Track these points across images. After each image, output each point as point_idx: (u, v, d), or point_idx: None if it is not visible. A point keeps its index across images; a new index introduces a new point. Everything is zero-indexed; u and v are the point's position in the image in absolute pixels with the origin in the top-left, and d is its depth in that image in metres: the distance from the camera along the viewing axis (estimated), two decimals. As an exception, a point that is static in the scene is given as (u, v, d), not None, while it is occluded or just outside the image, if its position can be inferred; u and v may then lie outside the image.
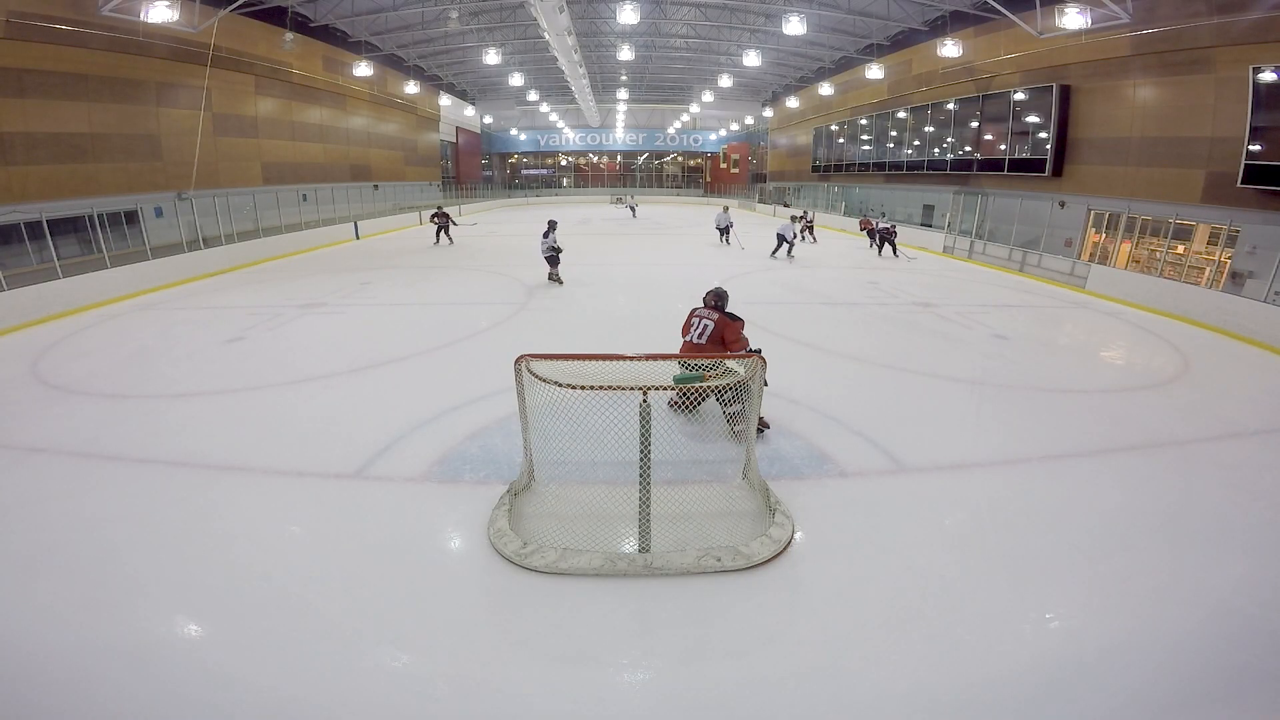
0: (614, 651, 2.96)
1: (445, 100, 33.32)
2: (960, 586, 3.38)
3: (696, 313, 5.34)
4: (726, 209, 19.20)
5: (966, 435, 5.33)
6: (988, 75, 16.89)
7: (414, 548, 3.73)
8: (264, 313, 9.76)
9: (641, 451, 3.56)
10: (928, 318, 9.61)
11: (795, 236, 16.05)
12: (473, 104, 36.66)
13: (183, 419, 5.62)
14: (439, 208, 18.93)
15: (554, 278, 11.90)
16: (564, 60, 21.61)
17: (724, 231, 18.63)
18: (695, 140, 45.42)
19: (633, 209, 32.66)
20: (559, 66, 24.14)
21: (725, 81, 27.05)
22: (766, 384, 4.92)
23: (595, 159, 47.15)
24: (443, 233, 18.32)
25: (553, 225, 11.95)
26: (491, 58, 20.81)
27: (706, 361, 4.46)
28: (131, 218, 13.21)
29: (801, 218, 20.03)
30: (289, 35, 18.27)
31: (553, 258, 11.75)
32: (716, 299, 5.43)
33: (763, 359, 3.85)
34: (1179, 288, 10.47)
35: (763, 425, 5.04)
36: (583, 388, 3.50)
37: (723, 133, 43.76)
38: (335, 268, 14.68)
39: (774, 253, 15.94)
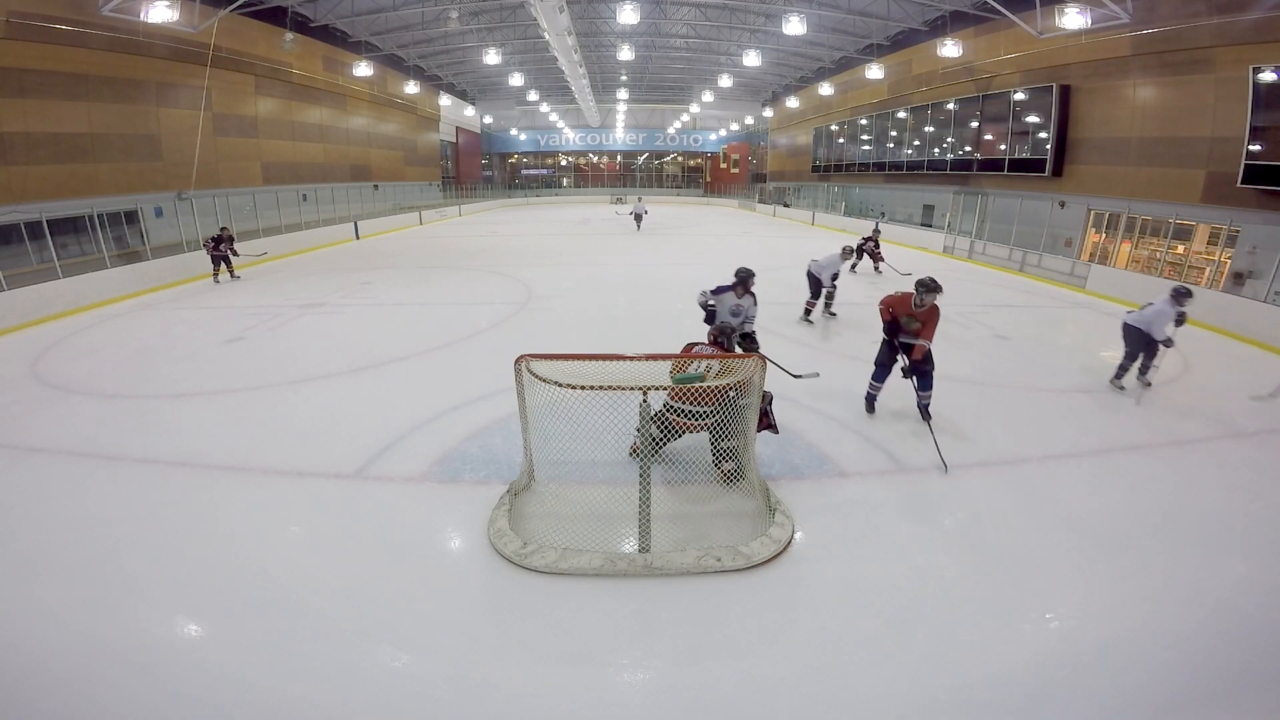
0: (614, 651, 2.96)
1: (445, 100, 33.31)
2: (960, 586, 3.38)
3: (698, 349, 4.55)
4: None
5: (966, 435, 5.33)
6: (988, 75, 16.89)
7: (414, 548, 3.73)
8: (264, 313, 9.76)
9: (641, 451, 3.56)
10: (928, 318, 9.59)
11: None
12: (473, 104, 36.65)
13: (183, 419, 5.62)
14: (223, 229, 12.80)
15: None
16: (564, 60, 21.60)
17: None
18: (695, 140, 45.39)
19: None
20: (559, 66, 24.13)
21: (725, 81, 27.05)
22: (777, 431, 4.56)
23: (595, 159, 47.12)
24: (224, 265, 12.61)
25: (745, 278, 6.12)
26: (491, 58, 20.82)
27: (706, 361, 4.43)
28: (131, 218, 13.22)
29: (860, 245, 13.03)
30: (289, 35, 18.27)
31: (746, 335, 6.21)
32: (720, 334, 4.68)
33: (763, 358, 3.85)
34: (1179, 288, 10.46)
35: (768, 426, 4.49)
36: (583, 388, 3.50)
37: (723, 133, 43.74)
38: (335, 268, 14.68)
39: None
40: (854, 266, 13.45)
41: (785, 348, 7.72)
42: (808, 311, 9.31)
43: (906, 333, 5.43)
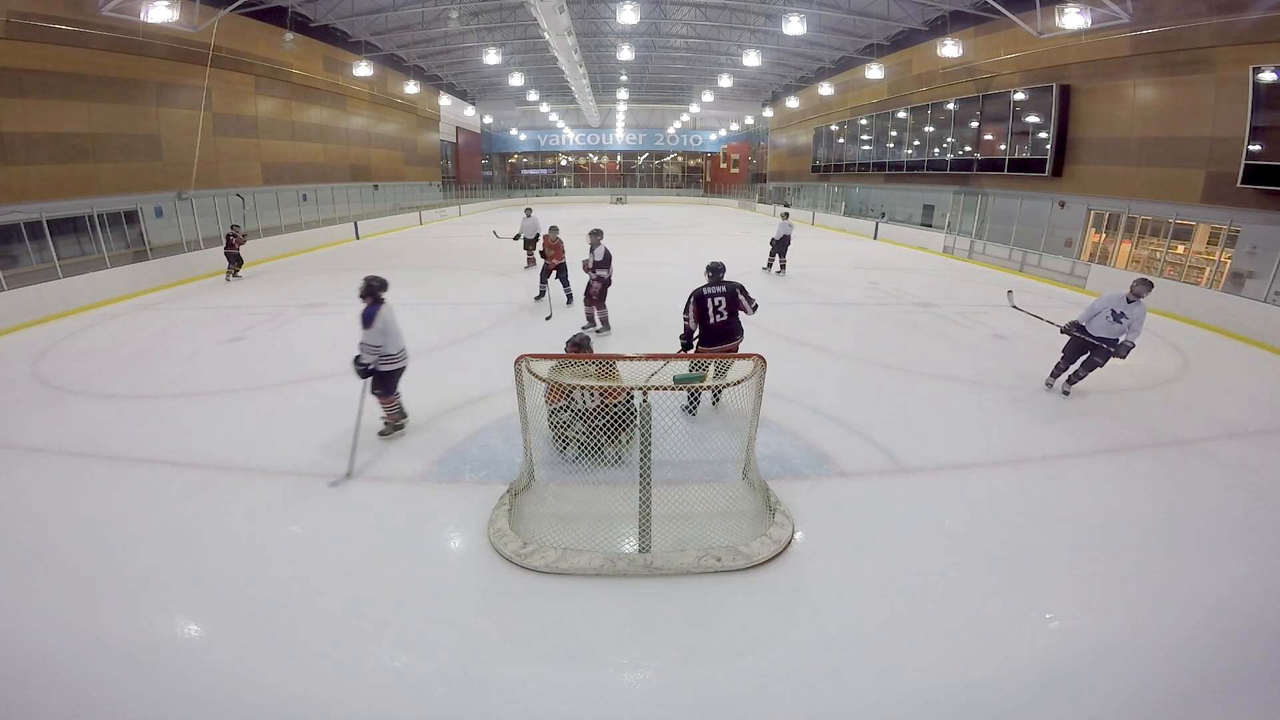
0: (614, 651, 2.96)
1: (445, 100, 33.29)
2: (960, 586, 3.38)
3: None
4: (788, 215, 13.57)
5: (966, 435, 5.33)
6: (988, 75, 16.88)
7: (414, 548, 3.74)
8: (264, 313, 9.75)
9: (641, 451, 3.56)
10: (928, 318, 9.61)
11: None
12: (473, 104, 36.60)
13: (183, 419, 5.62)
14: (234, 226, 13.32)
15: None
16: (564, 60, 21.58)
17: (778, 249, 12.94)
18: (695, 140, 45.36)
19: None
20: (559, 66, 24.11)
21: (725, 81, 27.02)
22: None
23: (595, 159, 47.08)
24: (232, 269, 12.92)
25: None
26: (491, 58, 20.79)
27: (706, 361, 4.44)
28: (131, 218, 13.21)
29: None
30: (289, 35, 18.25)
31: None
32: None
33: (762, 359, 3.83)
34: (1179, 288, 10.46)
35: None
36: (582, 388, 3.50)
37: (723, 133, 43.71)
38: (335, 268, 14.67)
39: None
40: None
41: (787, 347, 7.72)
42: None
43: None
